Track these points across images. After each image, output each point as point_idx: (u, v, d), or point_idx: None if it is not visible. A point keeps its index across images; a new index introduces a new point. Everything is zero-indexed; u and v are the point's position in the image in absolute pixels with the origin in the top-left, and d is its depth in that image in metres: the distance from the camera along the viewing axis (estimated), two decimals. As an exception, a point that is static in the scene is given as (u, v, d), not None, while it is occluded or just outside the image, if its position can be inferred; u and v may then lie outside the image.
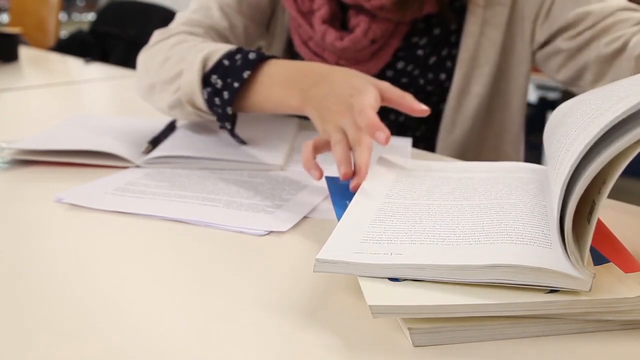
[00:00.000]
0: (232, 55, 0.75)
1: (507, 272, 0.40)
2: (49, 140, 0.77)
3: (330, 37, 0.89)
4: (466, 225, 0.47)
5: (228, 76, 0.74)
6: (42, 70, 1.53)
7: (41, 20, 2.41)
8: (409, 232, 0.47)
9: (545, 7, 0.87)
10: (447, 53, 0.92)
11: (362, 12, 0.89)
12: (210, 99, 0.74)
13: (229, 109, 0.74)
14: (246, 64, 0.74)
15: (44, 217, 0.60)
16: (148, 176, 0.70)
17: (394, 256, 0.43)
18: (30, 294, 0.46)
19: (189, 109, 0.77)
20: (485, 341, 0.40)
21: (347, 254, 0.44)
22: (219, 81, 0.74)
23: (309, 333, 0.41)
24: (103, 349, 0.39)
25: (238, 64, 0.74)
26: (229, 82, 0.74)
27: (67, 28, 2.76)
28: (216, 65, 0.75)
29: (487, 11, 0.89)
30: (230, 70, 0.74)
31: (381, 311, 0.39)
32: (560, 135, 0.44)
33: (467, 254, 0.42)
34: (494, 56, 0.90)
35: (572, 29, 0.84)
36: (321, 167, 0.63)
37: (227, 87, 0.74)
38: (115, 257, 0.52)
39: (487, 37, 0.90)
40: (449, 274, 0.41)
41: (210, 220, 0.58)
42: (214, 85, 0.74)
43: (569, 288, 0.39)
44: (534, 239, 0.43)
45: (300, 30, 0.95)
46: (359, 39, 0.88)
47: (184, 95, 0.76)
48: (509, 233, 0.44)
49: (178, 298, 0.45)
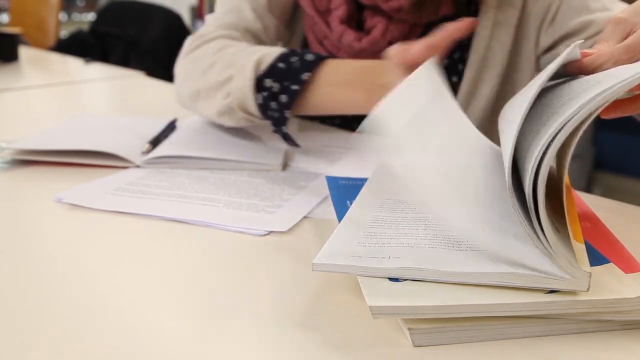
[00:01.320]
0: (287, 57, 0.73)
1: (505, 277, 0.40)
2: (49, 140, 0.77)
3: (348, 38, 0.88)
4: (463, 233, 0.46)
5: (285, 79, 0.72)
6: (42, 70, 1.53)
7: (41, 20, 2.41)
8: (406, 235, 0.47)
9: (551, 13, 0.87)
10: (458, 56, 0.92)
11: (379, 13, 0.88)
12: (265, 103, 0.72)
13: (287, 113, 0.71)
14: (304, 65, 0.72)
15: (44, 217, 0.60)
16: (148, 176, 0.70)
17: (392, 260, 0.43)
18: (30, 293, 0.45)
19: (240, 115, 0.75)
20: (485, 341, 0.40)
21: (344, 258, 0.44)
22: (276, 85, 0.72)
23: (309, 333, 0.41)
24: (103, 349, 0.39)
25: (295, 66, 0.72)
26: (286, 85, 0.71)
27: (67, 28, 2.76)
28: (270, 68, 0.73)
29: (499, 13, 0.89)
30: (287, 73, 0.72)
31: (381, 312, 0.39)
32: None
33: (467, 259, 0.42)
34: (502, 59, 0.90)
35: (574, 37, 0.85)
36: (322, 166, 0.62)
37: (285, 91, 0.71)
38: (115, 257, 0.52)
39: (497, 39, 0.90)
40: (447, 277, 0.41)
41: (210, 220, 0.58)
42: (270, 89, 0.72)
43: (567, 289, 0.39)
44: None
45: (315, 28, 0.94)
46: (377, 40, 0.88)
47: (235, 100, 0.73)
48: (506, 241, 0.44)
49: (177, 298, 0.45)
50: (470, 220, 0.45)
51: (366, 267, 0.42)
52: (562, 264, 0.39)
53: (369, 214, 0.51)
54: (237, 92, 0.73)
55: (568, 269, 0.39)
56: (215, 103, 0.77)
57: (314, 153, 0.80)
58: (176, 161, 0.74)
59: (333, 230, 0.48)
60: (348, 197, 0.57)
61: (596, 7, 0.84)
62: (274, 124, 0.73)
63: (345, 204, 0.55)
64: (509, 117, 0.49)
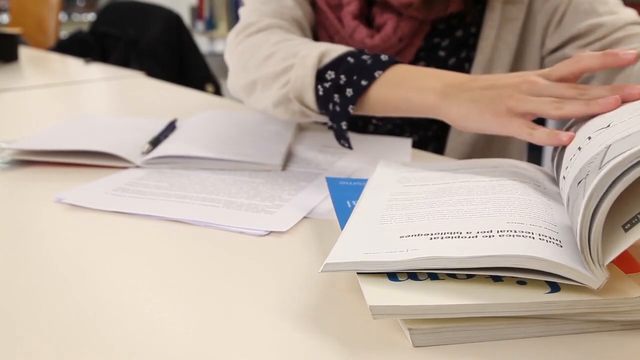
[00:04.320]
0: (357, 54, 0.71)
1: (522, 260, 0.39)
2: (48, 141, 0.77)
3: (360, 34, 0.88)
4: (476, 222, 0.46)
5: (355, 73, 0.69)
6: (42, 70, 1.53)
7: (41, 20, 2.41)
8: (420, 228, 0.46)
9: (558, 14, 0.87)
10: (465, 55, 0.92)
11: (388, 10, 0.88)
12: (327, 95, 0.70)
13: (351, 108, 0.69)
14: (377, 63, 0.70)
15: (44, 217, 0.60)
16: (148, 176, 0.70)
17: (410, 252, 0.42)
18: (30, 293, 0.46)
19: (296, 106, 0.72)
20: (485, 341, 0.40)
21: (358, 255, 0.43)
22: (343, 77, 0.69)
23: (309, 333, 0.41)
24: (103, 349, 0.39)
25: (368, 63, 0.70)
26: (355, 79, 0.69)
27: (67, 28, 2.76)
28: (336, 61, 0.71)
29: (506, 10, 0.89)
30: (357, 68, 0.70)
31: (381, 312, 0.39)
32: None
33: (482, 244, 0.42)
34: (508, 59, 0.90)
35: (582, 39, 0.85)
36: (323, 166, 0.62)
37: (352, 84, 0.69)
38: (115, 257, 0.52)
39: (503, 40, 0.90)
40: (468, 263, 0.40)
41: (210, 221, 0.58)
42: (334, 81, 0.70)
43: (579, 282, 0.39)
44: (544, 235, 0.42)
45: (327, 23, 0.93)
46: (389, 36, 0.87)
47: (292, 90, 0.71)
48: (520, 228, 0.43)
49: (178, 298, 0.45)
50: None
51: (385, 262, 0.42)
52: (593, 259, 0.39)
53: (375, 214, 0.51)
54: (297, 81, 0.71)
55: (594, 264, 0.39)
56: (272, 93, 0.74)
57: (314, 153, 0.80)
58: (176, 161, 0.74)
59: (333, 230, 0.48)
60: (348, 197, 0.57)
61: (604, 10, 0.84)
62: (331, 118, 0.71)
63: (346, 204, 0.55)
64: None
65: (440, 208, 0.50)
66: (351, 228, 0.49)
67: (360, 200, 0.55)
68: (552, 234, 0.43)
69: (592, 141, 0.45)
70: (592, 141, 0.45)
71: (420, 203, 0.51)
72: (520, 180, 0.54)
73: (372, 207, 0.52)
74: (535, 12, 0.89)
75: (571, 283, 0.39)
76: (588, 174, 0.41)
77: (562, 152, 0.52)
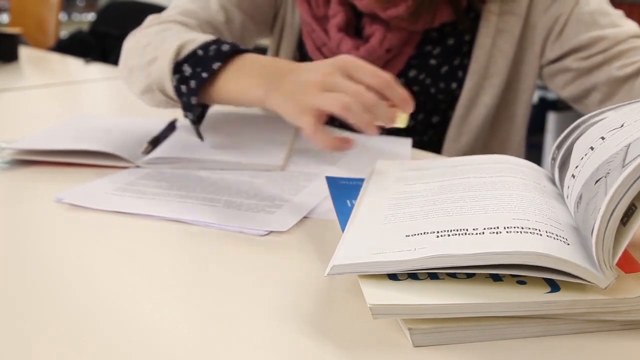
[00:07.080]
0: (208, 46, 0.75)
1: (535, 257, 0.39)
2: (48, 140, 0.77)
3: (346, 46, 0.88)
4: (481, 218, 0.46)
5: (198, 66, 0.73)
6: (42, 70, 1.53)
7: (41, 20, 2.41)
8: (425, 226, 0.46)
9: (559, 25, 0.87)
10: (459, 63, 0.92)
11: (377, 21, 0.88)
12: (178, 86, 0.74)
13: (193, 99, 0.73)
14: (218, 55, 0.73)
15: (44, 217, 0.60)
16: (148, 176, 0.70)
17: (418, 251, 0.42)
18: (30, 293, 0.46)
19: (159, 96, 0.77)
20: (485, 341, 0.40)
21: (365, 256, 0.43)
22: (189, 69, 0.73)
23: (309, 333, 0.41)
24: (103, 349, 0.39)
25: (210, 55, 0.73)
26: (197, 71, 0.73)
27: (67, 28, 2.76)
28: (190, 54, 0.74)
29: (501, 21, 0.89)
30: (201, 60, 0.73)
31: (381, 311, 0.39)
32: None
33: (490, 241, 0.41)
34: (504, 68, 0.90)
35: (583, 51, 0.84)
36: (323, 166, 0.62)
37: (195, 77, 0.73)
38: (115, 257, 0.52)
39: (499, 48, 0.90)
40: (478, 260, 0.40)
41: (210, 220, 0.58)
42: (183, 73, 0.74)
43: (589, 281, 0.39)
44: (551, 232, 0.42)
45: (314, 35, 0.94)
46: (375, 48, 0.88)
47: (154, 81, 0.76)
48: (527, 224, 0.43)
49: (177, 298, 0.45)
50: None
51: (394, 262, 0.41)
52: (605, 258, 0.39)
53: (378, 214, 0.51)
54: (157, 71, 0.75)
55: (604, 267, 0.39)
56: (140, 81, 0.79)
57: (314, 153, 0.80)
58: (176, 161, 0.74)
59: (333, 230, 0.48)
60: (348, 197, 0.57)
61: (606, 23, 0.84)
62: (183, 108, 0.75)
63: (346, 204, 0.55)
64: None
65: (443, 205, 0.49)
66: (354, 230, 0.49)
67: (360, 201, 0.55)
68: (558, 231, 0.43)
69: (606, 141, 0.45)
70: (607, 141, 0.45)
71: (423, 201, 0.51)
72: (520, 177, 0.54)
73: (374, 207, 0.52)
74: (533, 22, 0.89)
75: (575, 281, 0.39)
76: (609, 173, 0.40)
77: (566, 152, 0.52)
